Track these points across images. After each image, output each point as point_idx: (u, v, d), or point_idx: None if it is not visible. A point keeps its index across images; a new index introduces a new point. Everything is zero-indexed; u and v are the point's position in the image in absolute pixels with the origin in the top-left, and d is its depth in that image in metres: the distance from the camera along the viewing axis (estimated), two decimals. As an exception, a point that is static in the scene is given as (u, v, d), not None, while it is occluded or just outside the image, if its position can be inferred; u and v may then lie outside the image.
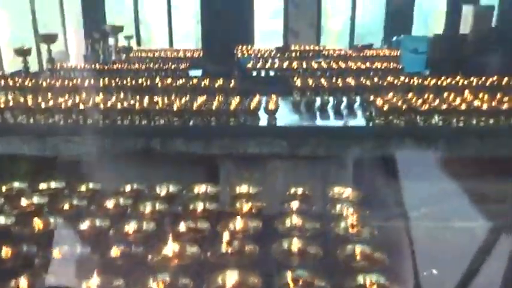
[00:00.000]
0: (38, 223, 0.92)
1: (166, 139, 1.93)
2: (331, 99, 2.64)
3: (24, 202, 1.01)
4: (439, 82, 2.68)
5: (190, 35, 12.32)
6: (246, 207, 0.98)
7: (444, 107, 1.93)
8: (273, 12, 11.34)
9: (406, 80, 2.75)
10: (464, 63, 3.89)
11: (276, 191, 2.03)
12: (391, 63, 4.04)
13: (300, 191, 1.01)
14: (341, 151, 1.97)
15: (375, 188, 2.01)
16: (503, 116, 1.93)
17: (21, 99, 2.04)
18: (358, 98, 2.65)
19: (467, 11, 4.13)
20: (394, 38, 6.77)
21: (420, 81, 2.71)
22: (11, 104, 1.93)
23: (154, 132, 1.90)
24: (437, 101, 2.01)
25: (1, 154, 1.89)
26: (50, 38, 3.85)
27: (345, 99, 2.65)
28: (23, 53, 3.55)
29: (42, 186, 1.11)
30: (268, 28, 11.63)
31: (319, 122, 2.22)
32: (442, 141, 1.89)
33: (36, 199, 1.01)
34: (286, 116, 2.21)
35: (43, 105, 1.90)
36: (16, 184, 1.13)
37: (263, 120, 2.00)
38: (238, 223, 0.90)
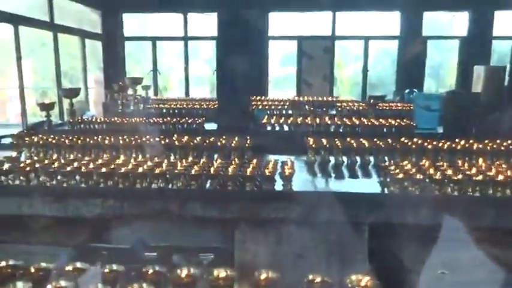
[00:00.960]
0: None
1: (183, 202, 1.96)
2: (345, 158, 2.68)
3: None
4: (453, 145, 2.69)
5: (205, 80, 12.70)
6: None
7: (459, 176, 1.94)
8: (285, 58, 11.68)
9: (420, 142, 2.78)
10: (477, 121, 3.93)
11: (290, 256, 2.03)
12: (404, 120, 4.09)
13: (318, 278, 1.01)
14: (356, 217, 1.97)
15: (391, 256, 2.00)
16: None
17: (45, 161, 2.11)
18: (372, 159, 2.69)
19: (479, 70, 4.22)
20: (407, 91, 6.90)
21: (434, 144, 2.73)
22: (36, 165, 1.99)
23: (172, 196, 1.94)
24: (451, 171, 2.02)
25: (24, 215, 1.95)
26: (73, 93, 4.02)
27: (358, 159, 2.69)
28: (46, 107, 3.70)
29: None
30: (280, 73, 11.95)
31: (334, 184, 2.23)
32: (458, 211, 1.88)
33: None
34: (300, 178, 2.25)
35: (65, 168, 1.96)
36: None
37: (279, 182, 2.03)
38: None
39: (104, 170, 1.94)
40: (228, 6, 6.66)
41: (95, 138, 2.80)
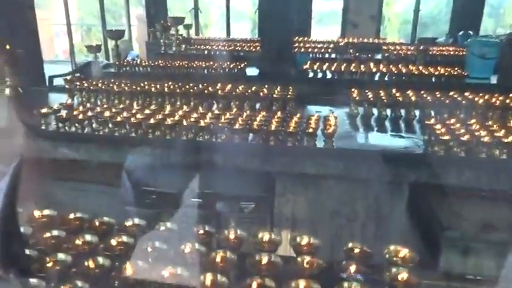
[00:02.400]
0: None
1: (227, 155, 2.04)
2: (389, 112, 2.63)
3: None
4: (507, 100, 2.56)
5: (246, 16, 12.35)
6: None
7: (510, 139, 1.88)
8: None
9: (470, 97, 2.66)
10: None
11: (327, 211, 2.10)
12: (455, 68, 3.88)
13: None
14: (396, 176, 1.98)
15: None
16: None
17: (97, 109, 2.23)
18: (417, 113, 2.62)
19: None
20: (461, 33, 6.43)
21: (486, 98, 2.61)
22: (89, 114, 2.11)
23: (216, 149, 2.02)
24: (502, 132, 1.95)
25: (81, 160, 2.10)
26: (118, 34, 4.07)
27: (403, 113, 2.63)
28: (93, 49, 3.79)
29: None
30: (324, 9, 11.37)
31: (376, 139, 2.22)
32: (502, 176, 1.84)
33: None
34: (342, 131, 2.25)
35: (116, 118, 2.07)
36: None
37: (320, 138, 2.04)
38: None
39: (152, 121, 2.02)
40: None
41: (142, 84, 2.88)
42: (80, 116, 2.08)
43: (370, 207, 2.06)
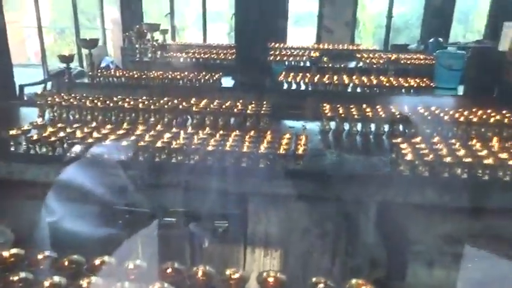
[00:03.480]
0: None
1: (200, 175, 2.06)
2: (360, 127, 2.70)
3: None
4: (470, 116, 2.67)
5: (223, 16, 12.29)
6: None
7: (469, 159, 1.97)
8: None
9: (437, 112, 2.76)
10: (500, 82, 3.82)
11: (298, 229, 2.15)
12: (424, 79, 4.01)
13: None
14: (363, 195, 2.05)
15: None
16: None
17: (67, 129, 2.22)
18: (387, 128, 2.71)
19: (508, 27, 4.00)
20: (431, 40, 6.62)
21: (451, 114, 2.72)
22: (61, 134, 2.10)
23: (188, 171, 2.04)
24: (463, 151, 2.05)
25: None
26: (91, 44, 4.03)
27: (373, 127, 2.70)
28: (66, 59, 3.75)
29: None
30: (302, 10, 11.46)
31: (346, 158, 2.28)
32: (464, 194, 1.94)
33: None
34: (314, 150, 2.31)
35: (87, 139, 2.06)
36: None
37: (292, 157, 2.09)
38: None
39: (124, 143, 2.03)
40: None
41: (115, 99, 2.87)
42: (51, 138, 2.06)
43: (340, 225, 2.12)
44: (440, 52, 4.31)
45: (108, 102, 2.78)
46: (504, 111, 2.78)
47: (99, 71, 4.05)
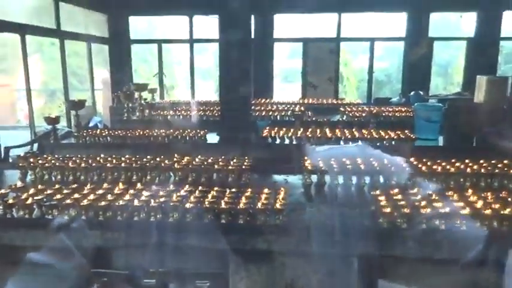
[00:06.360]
0: None
1: (179, 233, 2.04)
2: (341, 180, 2.72)
3: None
4: (448, 166, 2.72)
5: (212, 73, 12.69)
6: None
7: (447, 210, 1.99)
8: (291, 52, 11.64)
9: (415, 163, 2.81)
10: (478, 133, 3.93)
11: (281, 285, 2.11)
12: (405, 131, 4.10)
13: None
14: (344, 248, 2.03)
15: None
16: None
17: (46, 191, 2.21)
18: (367, 180, 2.73)
19: (481, 80, 4.20)
20: (412, 93, 6.88)
21: (429, 165, 2.77)
22: (38, 197, 2.09)
23: (168, 229, 2.02)
24: (440, 204, 2.07)
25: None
26: (79, 105, 4.12)
27: (355, 180, 2.73)
28: (52, 121, 3.80)
29: None
30: (287, 66, 11.91)
31: (327, 211, 2.28)
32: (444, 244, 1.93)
33: None
34: (294, 201, 2.32)
35: (65, 201, 2.05)
36: None
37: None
38: None
39: (102, 203, 2.02)
40: (230, 8, 6.69)
41: (98, 159, 2.89)
42: (28, 201, 2.05)
43: (323, 279, 2.08)
44: (418, 105, 4.46)
45: (90, 162, 2.79)
46: (481, 161, 2.83)
47: (85, 131, 4.10)
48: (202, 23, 8.25)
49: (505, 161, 2.82)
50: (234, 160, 2.93)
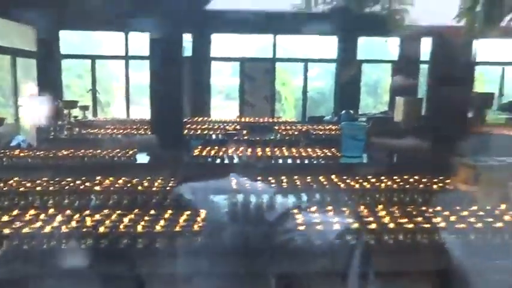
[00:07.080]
0: None
1: (90, 261, 1.97)
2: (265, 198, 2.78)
3: None
4: (364, 183, 2.89)
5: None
6: None
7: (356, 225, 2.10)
8: (234, 70, 11.77)
9: (335, 180, 2.95)
10: (398, 150, 4.22)
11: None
12: (332, 149, 4.28)
13: None
14: (260, 267, 2.07)
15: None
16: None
17: None
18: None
19: (399, 100, 4.52)
20: (343, 112, 7.22)
21: (347, 182, 2.92)
22: None
23: (80, 255, 1.95)
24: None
25: None
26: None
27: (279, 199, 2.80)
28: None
29: None
30: (229, 84, 12.03)
31: (247, 230, 2.32)
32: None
33: None
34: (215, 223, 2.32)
35: None
36: None
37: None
38: None
39: (6, 231, 1.91)
40: (164, 27, 6.69)
41: (10, 182, 2.73)
42: None
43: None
44: (345, 124, 4.69)
45: (2, 184, 2.63)
46: (395, 177, 3.03)
47: (1, 151, 3.84)
48: (139, 40, 8.14)
49: (416, 177, 3.03)
50: (160, 181, 2.89)
